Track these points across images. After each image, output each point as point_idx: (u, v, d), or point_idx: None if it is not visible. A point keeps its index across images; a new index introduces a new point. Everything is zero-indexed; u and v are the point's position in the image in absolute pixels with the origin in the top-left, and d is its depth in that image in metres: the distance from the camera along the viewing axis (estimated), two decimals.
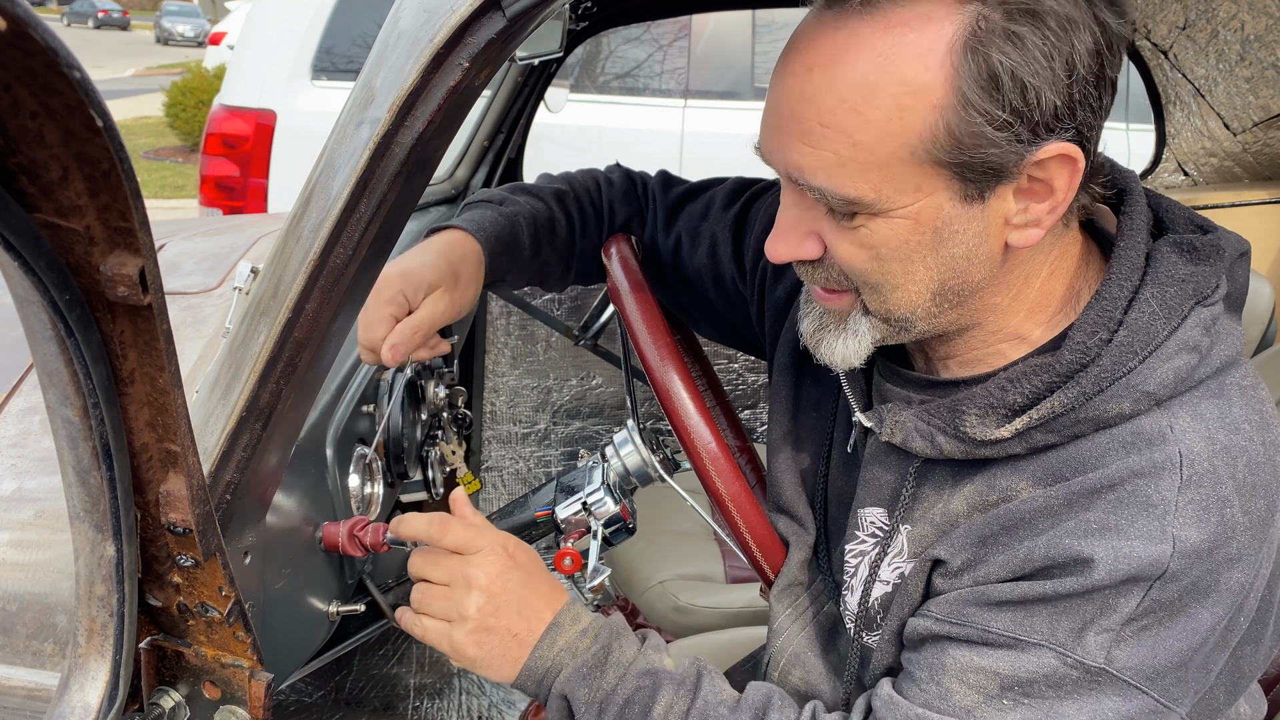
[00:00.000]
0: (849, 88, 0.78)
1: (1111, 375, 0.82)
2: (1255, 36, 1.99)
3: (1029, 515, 0.85)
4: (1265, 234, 2.19)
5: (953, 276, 0.85)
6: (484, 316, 2.78)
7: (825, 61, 0.79)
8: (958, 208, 0.82)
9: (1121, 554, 0.80)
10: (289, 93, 4.05)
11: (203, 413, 0.93)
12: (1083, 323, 0.85)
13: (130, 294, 0.60)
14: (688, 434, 1.12)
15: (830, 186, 0.81)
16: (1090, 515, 0.82)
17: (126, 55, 27.14)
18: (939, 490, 0.94)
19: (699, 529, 2.24)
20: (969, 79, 0.76)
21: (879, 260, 0.85)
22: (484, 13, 0.77)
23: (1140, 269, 0.86)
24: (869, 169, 0.80)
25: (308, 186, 0.93)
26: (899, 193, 0.81)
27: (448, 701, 2.56)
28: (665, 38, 4.57)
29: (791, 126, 0.82)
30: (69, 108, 0.50)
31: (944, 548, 0.90)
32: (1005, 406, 0.86)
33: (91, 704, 0.78)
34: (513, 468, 2.97)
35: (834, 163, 0.80)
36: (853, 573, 1.02)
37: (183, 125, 11.19)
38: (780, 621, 1.14)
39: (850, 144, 0.79)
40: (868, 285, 0.88)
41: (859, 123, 0.78)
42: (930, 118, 0.77)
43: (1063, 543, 0.82)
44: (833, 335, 0.94)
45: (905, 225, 0.82)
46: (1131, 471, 0.82)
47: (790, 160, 0.83)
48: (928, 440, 0.91)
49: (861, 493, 1.02)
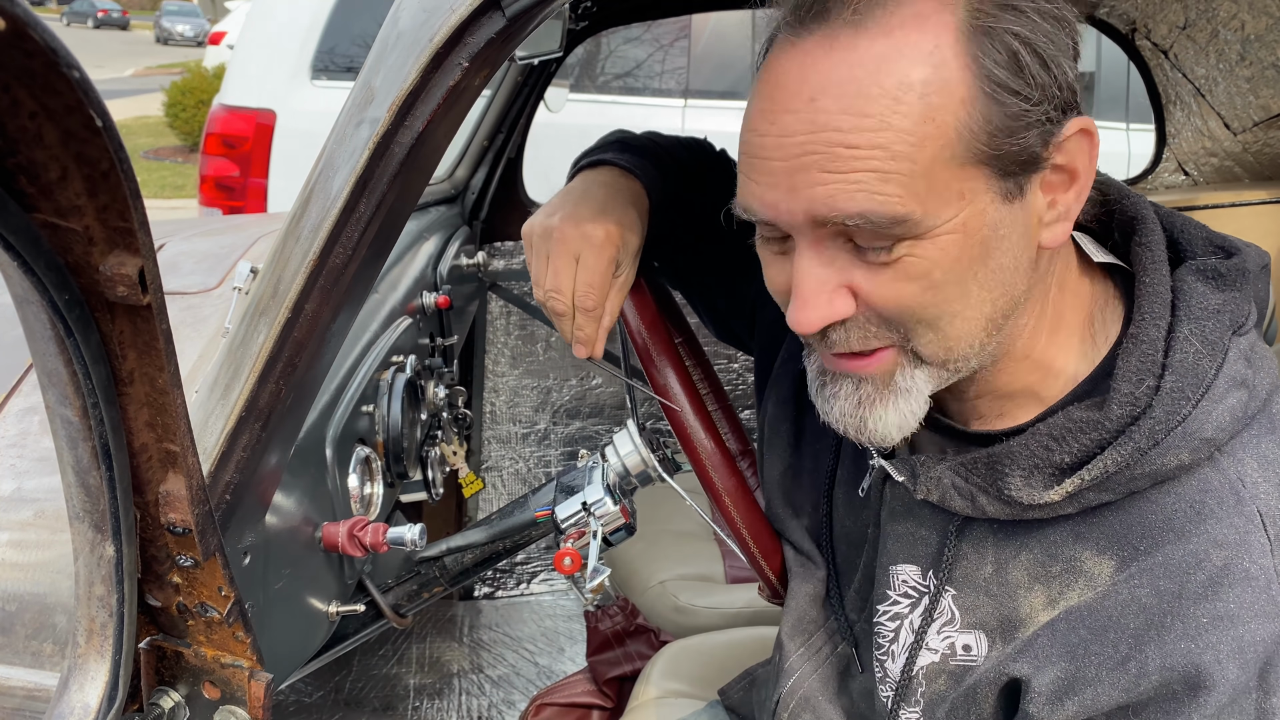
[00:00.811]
0: (869, 101, 0.72)
1: (1166, 425, 0.76)
2: (1255, 36, 1.99)
3: (1116, 612, 0.77)
4: (1265, 234, 2.19)
5: (1002, 294, 0.79)
6: (484, 316, 2.78)
7: (829, 85, 0.73)
8: (1001, 210, 0.76)
9: (1245, 642, 0.73)
10: (289, 92, 4.05)
11: (202, 413, 0.93)
12: (1125, 370, 0.79)
13: (129, 294, 0.60)
14: (687, 434, 1.12)
15: (872, 209, 0.73)
16: (1193, 609, 0.74)
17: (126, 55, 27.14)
18: (979, 549, 0.88)
19: (699, 529, 2.24)
20: (990, 62, 0.72)
21: (933, 289, 0.76)
22: (484, 12, 0.77)
23: (1169, 304, 0.81)
24: (913, 179, 0.72)
25: (307, 186, 0.93)
26: (944, 204, 0.74)
27: (448, 701, 2.56)
28: (665, 38, 4.57)
29: (809, 162, 0.74)
30: (68, 108, 0.50)
31: (1027, 663, 0.81)
32: (1052, 466, 0.80)
33: (91, 704, 0.77)
34: (513, 468, 2.97)
35: (874, 180, 0.72)
36: (892, 637, 0.95)
37: (182, 125, 11.19)
38: (792, 661, 1.09)
39: (889, 157, 0.72)
40: (922, 323, 0.78)
41: (891, 135, 0.72)
42: (961, 113, 0.72)
43: (1178, 648, 0.74)
44: (881, 405, 0.82)
45: (954, 241, 0.75)
46: (1214, 542, 0.75)
47: (815, 196, 0.74)
48: (968, 500, 0.84)
49: (893, 548, 0.95)
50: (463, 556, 1.35)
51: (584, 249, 1.01)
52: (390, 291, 1.68)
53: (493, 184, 2.58)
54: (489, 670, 2.69)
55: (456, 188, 2.52)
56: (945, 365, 0.81)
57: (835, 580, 1.07)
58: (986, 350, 0.81)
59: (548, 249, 1.03)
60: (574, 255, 1.01)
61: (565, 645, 2.81)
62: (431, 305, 1.89)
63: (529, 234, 1.06)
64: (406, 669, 2.64)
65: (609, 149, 1.16)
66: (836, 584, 1.07)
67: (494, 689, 2.60)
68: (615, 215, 1.04)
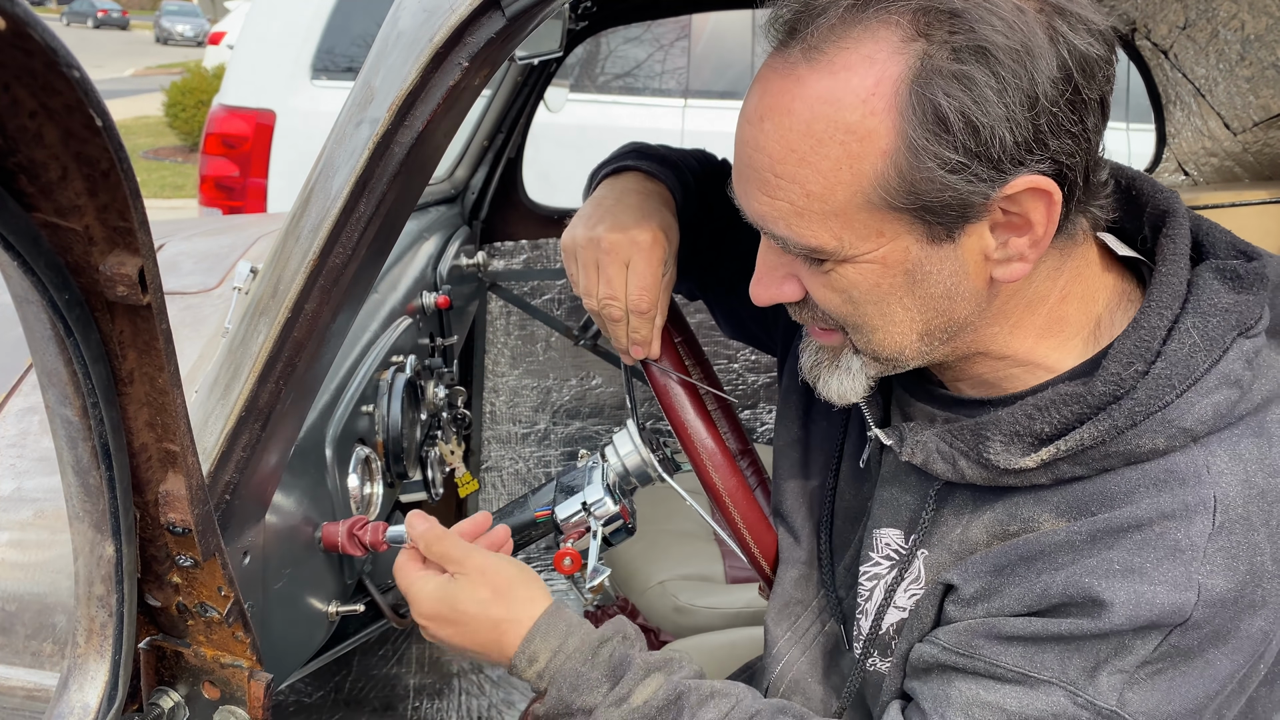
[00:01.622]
0: (797, 137, 0.76)
1: (1146, 409, 0.79)
2: (1255, 36, 1.99)
3: (1049, 548, 0.82)
4: (1265, 234, 2.19)
5: (936, 315, 0.84)
6: (484, 316, 2.78)
7: (773, 110, 0.78)
8: (926, 249, 0.80)
9: (1143, 599, 0.77)
10: (288, 93, 4.05)
11: (202, 413, 0.93)
12: (1118, 352, 0.81)
13: (129, 294, 0.60)
14: (687, 434, 1.12)
15: (790, 235, 0.81)
16: (1113, 555, 0.79)
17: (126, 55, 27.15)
18: (958, 515, 0.92)
19: (699, 529, 2.24)
20: (915, 122, 0.73)
21: (853, 304, 0.84)
22: (484, 12, 0.77)
23: (1181, 296, 0.83)
24: (826, 217, 0.78)
25: (307, 186, 0.93)
26: (861, 239, 0.79)
27: (448, 701, 2.56)
28: (665, 38, 4.57)
29: (751, 176, 0.81)
30: (68, 107, 0.50)
31: (957, 573, 0.88)
32: (1032, 435, 0.83)
33: (91, 704, 0.77)
34: (512, 468, 2.97)
35: (790, 213, 0.79)
36: (867, 596, 1.00)
37: (182, 125, 11.19)
38: (779, 646, 1.11)
39: (804, 194, 0.78)
40: (849, 327, 0.87)
41: (809, 173, 0.77)
42: (880, 163, 0.75)
43: (1082, 581, 0.79)
44: (828, 372, 0.93)
45: (873, 269, 0.81)
46: (1160, 512, 0.79)
47: (752, 209, 0.83)
48: (949, 463, 0.88)
49: (878, 512, 0.99)
50: None
51: (634, 254, 1.05)
52: (390, 291, 1.68)
53: (493, 184, 2.58)
54: (489, 670, 2.69)
55: (456, 188, 2.52)
56: (878, 360, 0.89)
57: (829, 555, 1.09)
58: (931, 355, 0.88)
59: (596, 258, 1.06)
60: (624, 262, 1.05)
61: None
62: (431, 305, 1.89)
63: (571, 246, 1.09)
64: (406, 669, 2.64)
65: (628, 157, 1.19)
66: (830, 560, 1.09)
67: (494, 689, 2.60)
68: (655, 218, 1.08)
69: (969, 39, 0.72)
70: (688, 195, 1.19)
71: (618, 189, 1.13)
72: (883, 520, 0.99)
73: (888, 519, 0.98)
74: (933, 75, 0.72)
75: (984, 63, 0.72)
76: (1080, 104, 0.75)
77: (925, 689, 0.89)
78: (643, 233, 1.05)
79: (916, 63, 0.73)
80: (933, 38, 0.72)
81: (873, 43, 0.74)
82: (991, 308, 0.85)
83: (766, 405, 2.95)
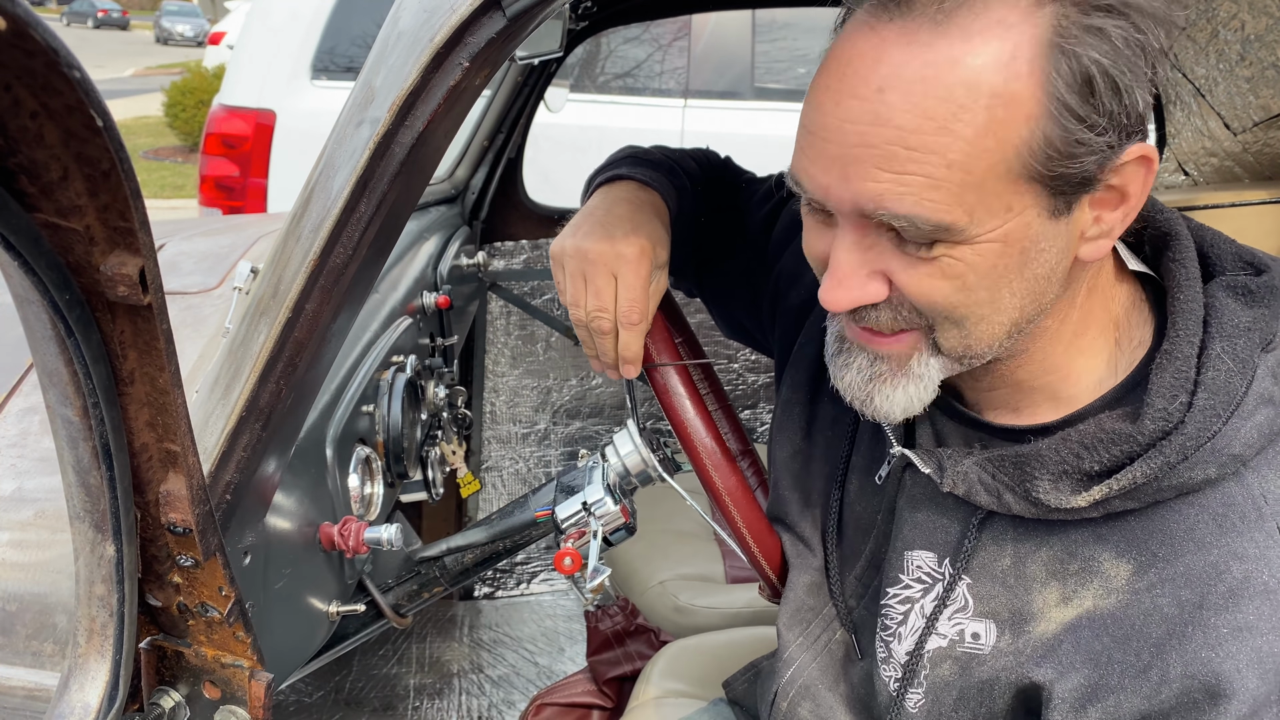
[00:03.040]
0: (936, 104, 0.71)
1: (1197, 442, 0.78)
2: (1255, 36, 1.99)
3: (1140, 621, 0.79)
4: (1265, 234, 2.19)
5: (1032, 300, 0.80)
6: (484, 316, 2.78)
7: (899, 80, 0.72)
8: (1045, 224, 0.76)
9: (1265, 654, 0.74)
10: (289, 93, 4.05)
11: (203, 413, 0.93)
12: (1159, 386, 0.80)
13: (130, 294, 0.60)
14: (687, 434, 1.12)
15: (919, 213, 0.74)
16: (1215, 619, 0.76)
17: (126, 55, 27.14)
18: (999, 543, 0.89)
19: (699, 529, 2.24)
20: (1063, 83, 0.70)
21: (965, 290, 0.78)
22: (484, 12, 0.77)
23: (1202, 320, 0.82)
24: (964, 190, 0.73)
25: (307, 186, 0.93)
26: (991, 214, 0.74)
27: (448, 701, 2.56)
28: (665, 38, 4.57)
29: (864, 155, 0.74)
30: (69, 108, 0.50)
31: (1050, 669, 0.83)
32: (1080, 473, 0.81)
33: (91, 704, 0.78)
34: (512, 468, 2.97)
35: (925, 186, 0.73)
36: (901, 619, 0.96)
37: (182, 125, 11.19)
38: (790, 651, 1.10)
39: (944, 164, 0.72)
40: (950, 320, 0.80)
41: (950, 141, 0.72)
42: (1025, 129, 0.71)
43: (1198, 656, 0.75)
44: (891, 384, 0.85)
45: (993, 249, 0.76)
46: (1236, 555, 0.77)
47: (865, 191, 0.75)
48: (994, 496, 0.86)
49: (909, 534, 0.96)
50: (463, 556, 1.35)
51: (620, 267, 1.03)
52: (390, 291, 1.68)
53: (493, 184, 2.58)
54: (489, 670, 2.69)
55: (456, 188, 2.52)
56: (961, 359, 0.83)
57: (836, 566, 1.07)
58: (1003, 348, 0.83)
59: (583, 269, 1.05)
60: (612, 273, 1.04)
61: (565, 645, 2.81)
62: (431, 305, 1.89)
63: (559, 255, 1.08)
64: (406, 669, 2.64)
65: (623, 164, 1.17)
66: (838, 569, 1.07)
67: (494, 689, 2.60)
68: (644, 229, 1.06)
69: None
70: (684, 199, 1.17)
71: (610, 199, 1.11)
72: (915, 543, 0.95)
73: (921, 542, 0.95)
74: (1073, 34, 0.70)
75: (1116, 18, 0.70)
76: (1154, 84, 0.74)
77: None
78: (629, 245, 1.03)
79: (1054, 22, 0.70)
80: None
81: (1004, 7, 0.71)
82: (1061, 295, 0.82)
83: (766, 405, 2.95)
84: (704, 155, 1.29)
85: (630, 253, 1.03)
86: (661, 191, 1.14)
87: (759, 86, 4.52)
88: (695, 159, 1.27)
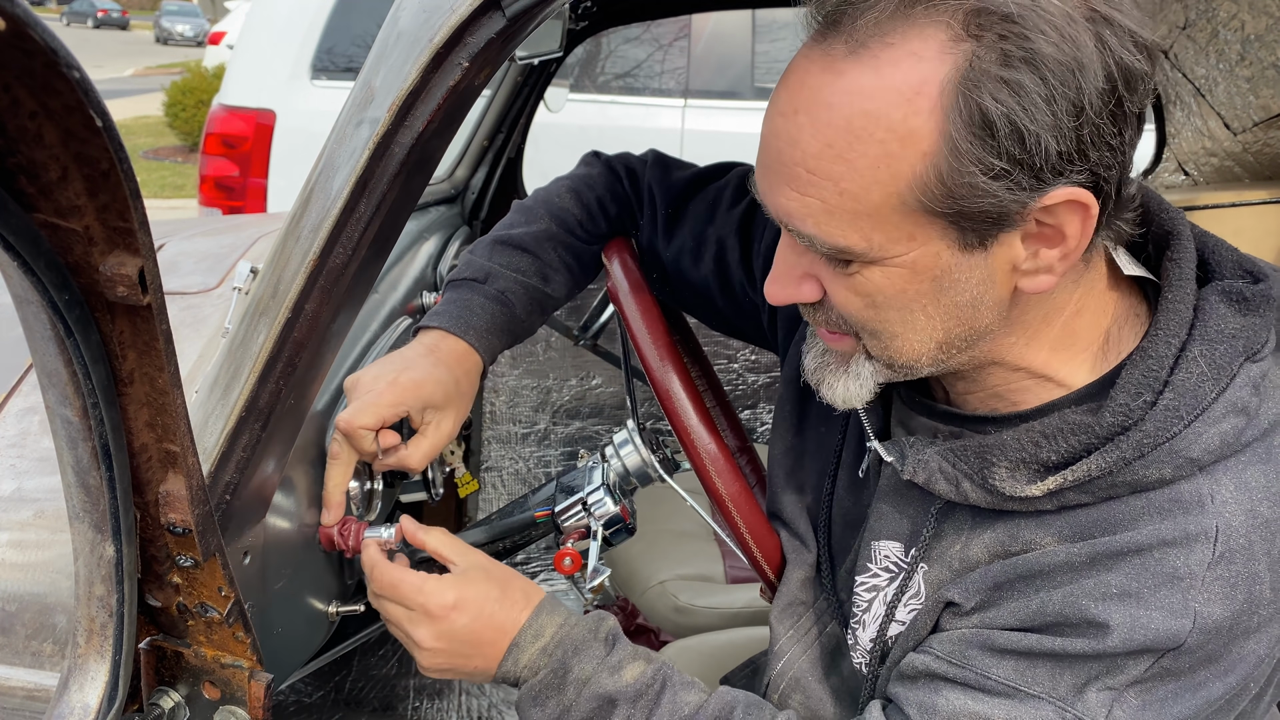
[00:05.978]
0: (834, 132, 0.74)
1: (1154, 441, 0.78)
2: (1255, 36, 1.99)
3: (1048, 567, 0.82)
4: (1265, 234, 2.19)
5: (957, 324, 0.82)
6: None
7: (810, 104, 0.75)
8: (957, 256, 0.78)
9: (1139, 623, 0.77)
10: (289, 93, 4.05)
11: (202, 413, 0.93)
12: (1126, 382, 0.81)
13: (129, 294, 0.60)
14: (687, 434, 1.12)
15: (818, 234, 0.78)
16: (1112, 578, 0.79)
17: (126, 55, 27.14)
18: (959, 531, 0.91)
19: (699, 529, 2.24)
20: (960, 125, 0.71)
21: (875, 308, 0.82)
22: (484, 12, 0.77)
23: (1188, 322, 0.82)
24: (858, 217, 0.76)
25: (307, 186, 0.93)
26: (892, 241, 0.77)
27: (448, 701, 2.56)
28: (665, 38, 4.57)
29: (781, 171, 0.78)
30: (68, 108, 0.50)
31: (958, 590, 0.88)
32: (1038, 463, 0.83)
33: (91, 704, 0.77)
34: (512, 468, 2.97)
35: (821, 210, 0.77)
36: (865, 607, 1.00)
37: (182, 125, 11.19)
38: (782, 644, 1.11)
39: (836, 192, 0.75)
40: (867, 332, 0.85)
41: (845, 170, 0.74)
42: (920, 165, 0.73)
43: (1079, 602, 0.79)
44: (834, 375, 0.91)
45: (901, 274, 0.79)
46: (1161, 539, 0.78)
47: (779, 205, 0.80)
48: (953, 484, 0.88)
49: (876, 524, 0.99)
50: None
51: (354, 423, 1.10)
52: (390, 291, 1.68)
53: (493, 184, 2.57)
54: None
55: (456, 188, 2.52)
56: (892, 368, 0.87)
57: (829, 560, 1.09)
58: (946, 364, 0.86)
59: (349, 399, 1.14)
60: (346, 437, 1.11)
61: None
62: (431, 305, 1.89)
63: (350, 382, 1.17)
64: (406, 669, 2.64)
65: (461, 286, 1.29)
66: (830, 563, 1.09)
67: (494, 689, 2.60)
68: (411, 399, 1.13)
69: (1020, 45, 0.69)
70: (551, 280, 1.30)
71: (420, 348, 1.20)
72: (881, 532, 0.98)
73: (887, 531, 0.98)
74: (981, 78, 0.70)
75: (1034, 69, 0.70)
76: (1121, 116, 0.73)
77: (912, 695, 0.88)
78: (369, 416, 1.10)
79: (965, 64, 0.70)
80: (983, 40, 0.70)
81: (920, 40, 0.71)
82: (1010, 317, 0.83)
83: (766, 405, 2.95)
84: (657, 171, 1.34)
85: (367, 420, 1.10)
86: (476, 345, 1.22)
87: (759, 86, 4.52)
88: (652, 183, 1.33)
